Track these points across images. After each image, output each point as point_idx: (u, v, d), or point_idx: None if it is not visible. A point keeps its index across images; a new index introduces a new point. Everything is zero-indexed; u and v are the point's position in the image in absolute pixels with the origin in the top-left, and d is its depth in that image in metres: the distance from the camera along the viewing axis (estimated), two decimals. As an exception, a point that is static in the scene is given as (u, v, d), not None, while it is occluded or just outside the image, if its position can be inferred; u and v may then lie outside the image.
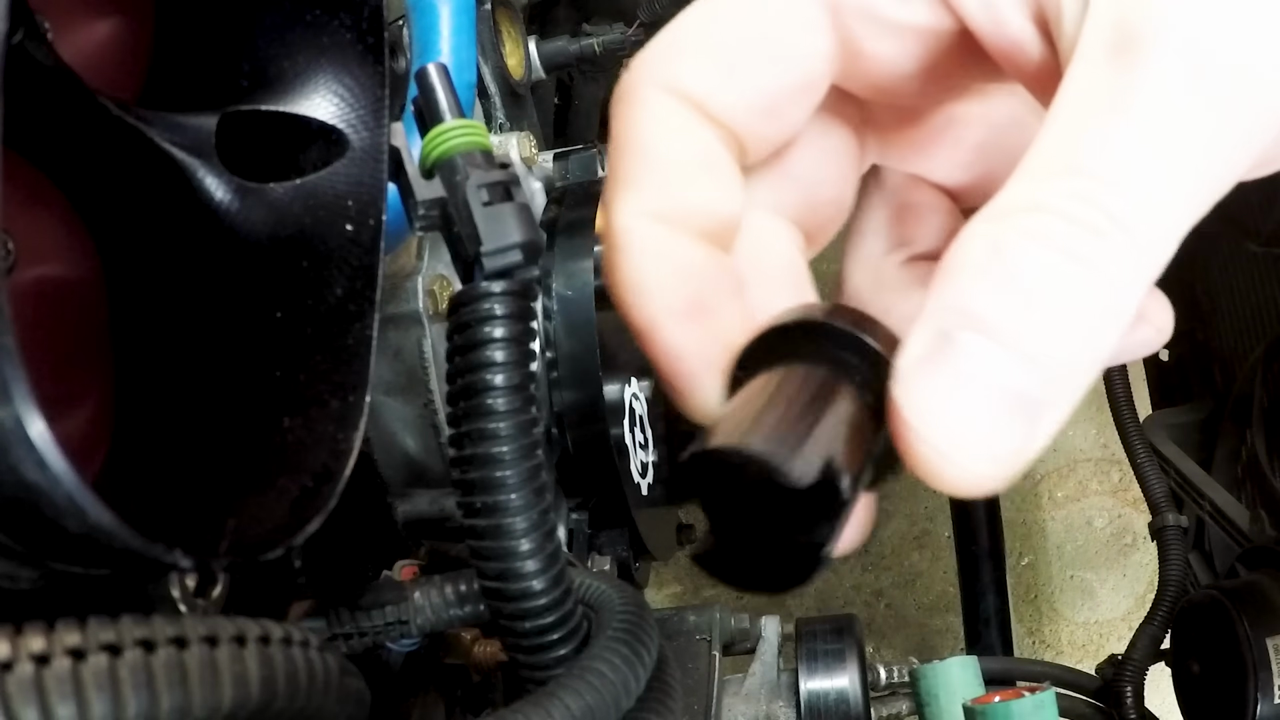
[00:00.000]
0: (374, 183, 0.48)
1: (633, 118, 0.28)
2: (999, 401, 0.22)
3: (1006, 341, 0.22)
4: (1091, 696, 1.17)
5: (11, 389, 0.27)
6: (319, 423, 0.43)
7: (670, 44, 0.28)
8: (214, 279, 0.48)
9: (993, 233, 0.23)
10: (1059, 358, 0.22)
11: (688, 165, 0.28)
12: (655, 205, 0.28)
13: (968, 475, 0.23)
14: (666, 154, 0.28)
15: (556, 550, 0.40)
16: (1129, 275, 0.23)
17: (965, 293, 0.23)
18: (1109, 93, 0.23)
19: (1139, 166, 0.22)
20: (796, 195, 0.31)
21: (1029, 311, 0.22)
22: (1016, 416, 0.23)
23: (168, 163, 0.47)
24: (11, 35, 0.38)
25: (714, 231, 0.28)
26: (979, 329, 0.23)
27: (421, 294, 0.70)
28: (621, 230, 0.28)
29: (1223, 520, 1.17)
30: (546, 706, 0.36)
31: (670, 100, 0.28)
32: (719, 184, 0.28)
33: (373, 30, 0.49)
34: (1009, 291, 0.22)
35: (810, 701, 0.72)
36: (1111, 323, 0.23)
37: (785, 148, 0.30)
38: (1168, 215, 0.23)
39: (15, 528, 0.31)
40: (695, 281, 0.28)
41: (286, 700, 0.33)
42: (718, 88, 0.28)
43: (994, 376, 0.22)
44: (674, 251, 0.28)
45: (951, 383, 0.23)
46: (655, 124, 0.28)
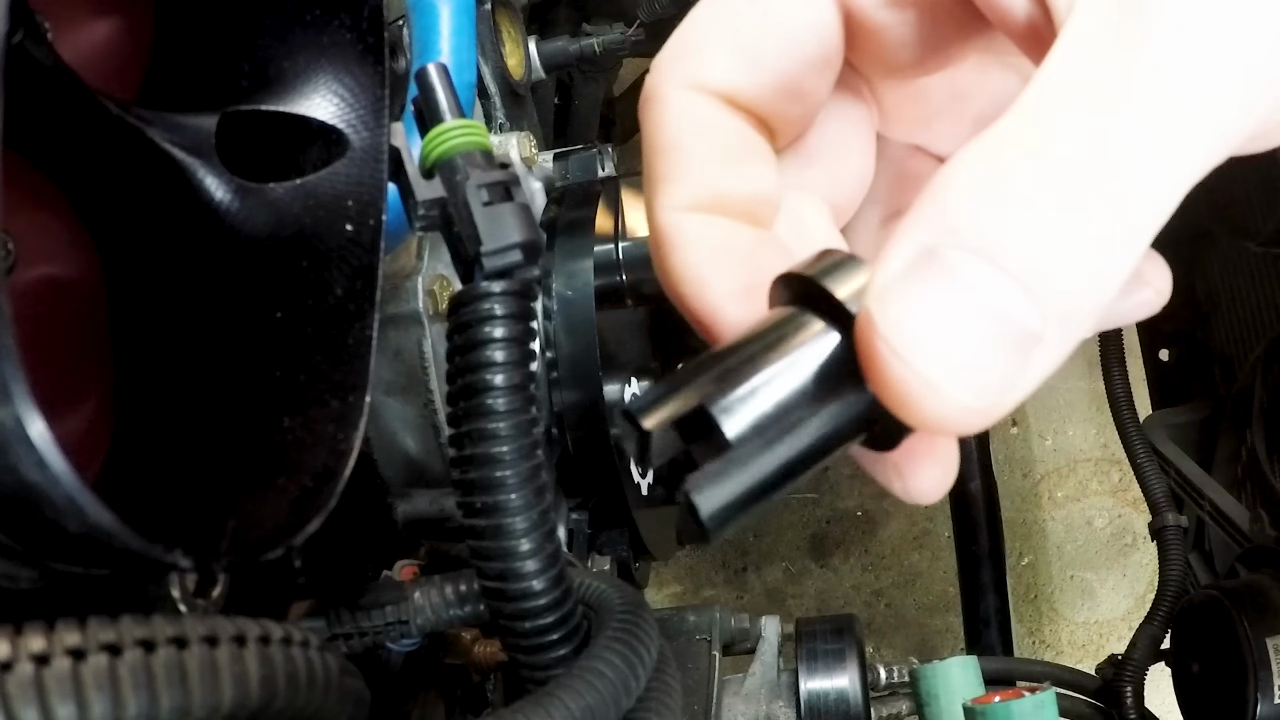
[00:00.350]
0: (374, 183, 0.48)
1: (662, 118, 0.29)
2: (990, 327, 0.20)
3: (1005, 264, 0.20)
4: (1091, 696, 1.17)
5: (11, 389, 0.27)
6: (319, 423, 0.43)
7: (687, 41, 0.29)
8: (214, 279, 0.48)
9: (992, 152, 0.21)
10: (1061, 289, 0.20)
11: (721, 154, 0.28)
12: (695, 196, 0.28)
13: (951, 406, 0.21)
14: (699, 146, 0.28)
15: (556, 550, 0.40)
16: (1141, 214, 0.21)
17: (959, 208, 0.21)
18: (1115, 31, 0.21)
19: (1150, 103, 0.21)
20: (824, 173, 0.32)
21: (1034, 233, 0.20)
22: (1008, 347, 0.20)
23: (168, 163, 0.47)
24: (11, 35, 0.38)
25: (755, 213, 0.29)
26: (974, 248, 0.20)
27: (421, 294, 0.70)
28: (666, 226, 0.28)
29: (1223, 520, 1.17)
30: (546, 706, 0.36)
31: (696, 96, 0.28)
32: (754, 167, 0.29)
33: (373, 30, 0.49)
34: (1009, 209, 0.20)
35: (810, 701, 0.72)
36: (1119, 267, 0.21)
37: (808, 128, 0.31)
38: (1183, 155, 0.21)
39: (15, 528, 0.31)
40: (746, 262, 0.28)
41: (286, 700, 0.33)
42: (741, 76, 0.28)
43: (987, 299, 0.20)
44: (720, 237, 0.28)
45: (939, 301, 0.21)
46: (684, 120, 0.28)
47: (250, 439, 0.44)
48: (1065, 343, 0.21)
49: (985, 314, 0.20)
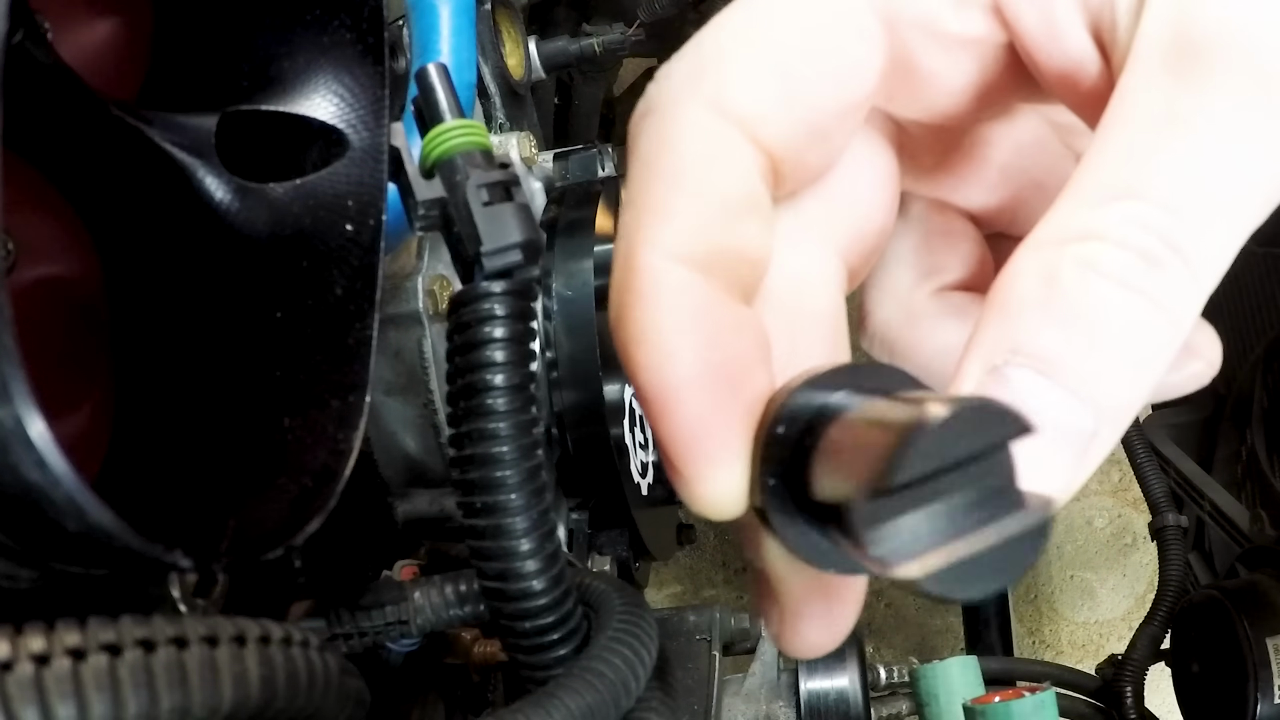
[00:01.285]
0: (374, 183, 0.48)
1: (669, 136, 0.24)
2: (1053, 439, 0.21)
3: (1064, 380, 0.22)
4: (1091, 696, 1.17)
5: (11, 389, 0.27)
6: (319, 423, 0.43)
7: (714, 53, 0.25)
8: (214, 279, 0.48)
9: (1045, 262, 0.22)
10: (1112, 393, 0.22)
11: (728, 197, 0.24)
12: (689, 242, 0.24)
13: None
14: (706, 181, 0.24)
15: (556, 550, 0.40)
16: (1186, 306, 0.22)
17: (1019, 327, 0.22)
18: (1167, 109, 0.22)
19: (1197, 189, 0.21)
20: (847, 224, 0.29)
21: (1088, 350, 0.21)
22: (1069, 453, 0.22)
23: (168, 163, 0.47)
24: (11, 35, 0.38)
25: (743, 278, 0.25)
26: (1035, 366, 0.22)
27: (421, 294, 0.70)
28: (645, 271, 0.24)
29: (1223, 520, 1.17)
30: (546, 706, 0.36)
31: (715, 120, 0.24)
32: (758, 224, 0.25)
33: (373, 30, 0.49)
34: (1065, 328, 0.22)
35: (810, 701, 0.72)
36: (1165, 356, 0.22)
37: (834, 172, 0.28)
38: (1225, 239, 0.22)
39: (15, 528, 0.31)
40: (720, 346, 0.24)
41: (286, 700, 0.33)
42: (772, 106, 0.24)
43: (1049, 414, 0.21)
44: (701, 306, 0.24)
45: None
46: (697, 144, 0.24)
47: (250, 439, 0.44)
48: (1117, 434, 0.22)
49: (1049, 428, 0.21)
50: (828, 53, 0.25)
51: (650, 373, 0.23)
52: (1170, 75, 0.22)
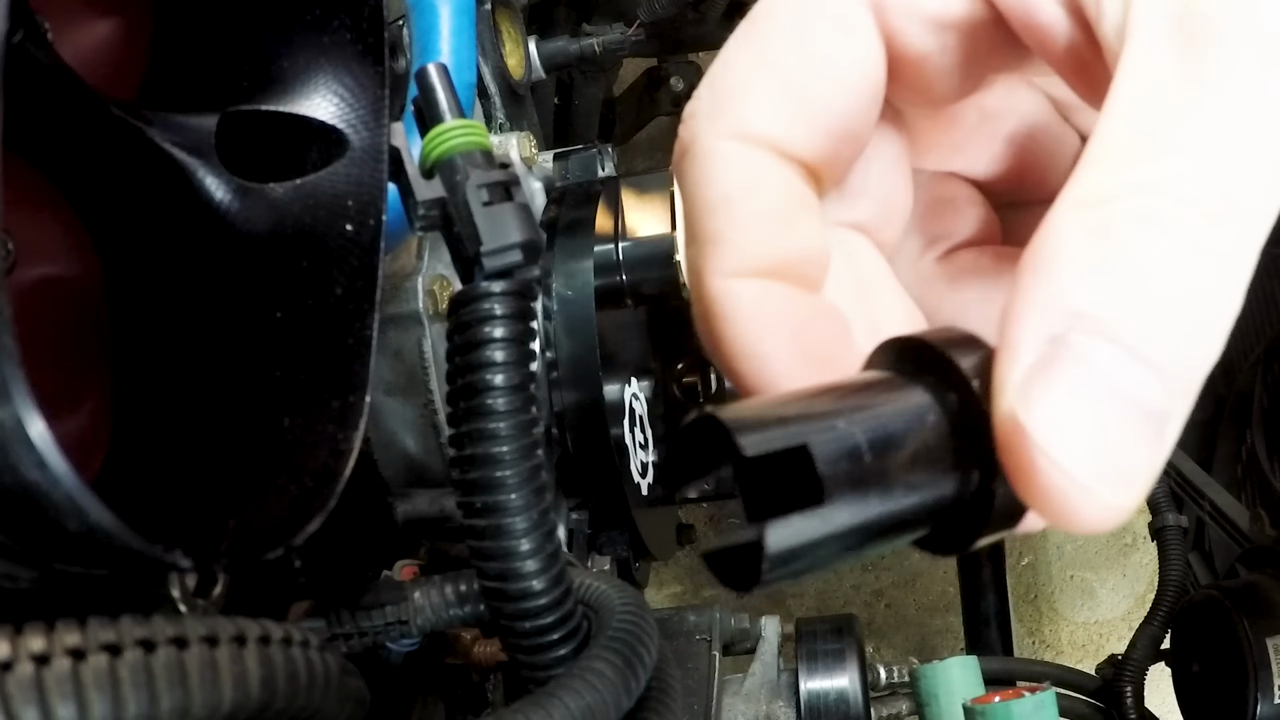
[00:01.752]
0: (374, 183, 0.48)
1: (707, 173, 0.26)
2: (1128, 414, 0.20)
3: (1131, 345, 0.20)
4: (1091, 696, 1.17)
5: (11, 389, 0.27)
6: (319, 423, 0.43)
7: (727, 88, 0.27)
8: (214, 279, 0.48)
9: (1095, 220, 0.20)
10: (1185, 360, 0.20)
11: (774, 212, 0.26)
12: (749, 260, 0.26)
13: (1100, 503, 0.20)
14: (750, 205, 0.26)
15: (556, 550, 0.40)
16: (1246, 263, 0.20)
17: (1073, 289, 0.20)
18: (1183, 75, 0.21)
19: (1237, 144, 0.20)
20: (872, 209, 0.30)
21: (1153, 309, 0.20)
22: (1146, 430, 0.20)
23: (168, 163, 0.47)
24: (11, 35, 0.38)
25: (808, 274, 0.27)
26: (1098, 331, 0.20)
27: (421, 294, 0.70)
28: (719, 293, 0.26)
29: (1223, 520, 1.18)
30: (546, 706, 0.36)
31: (743, 148, 0.26)
32: (806, 223, 0.27)
33: (373, 30, 0.49)
34: (1127, 285, 0.20)
35: (810, 701, 0.72)
36: (1229, 317, 0.20)
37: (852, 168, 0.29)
38: (1271, 192, 0.20)
39: (15, 528, 0.31)
40: (805, 332, 0.26)
41: (286, 700, 0.33)
42: (791, 123, 0.26)
43: (1121, 386, 0.20)
44: (777, 305, 0.26)
45: (1076, 394, 0.20)
46: (733, 175, 0.26)
47: (250, 439, 0.44)
48: (1187, 411, 0.20)
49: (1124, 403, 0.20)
50: (828, 62, 0.26)
51: (751, 377, 0.26)
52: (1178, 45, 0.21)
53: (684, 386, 0.93)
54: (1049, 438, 0.20)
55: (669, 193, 0.79)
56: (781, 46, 0.26)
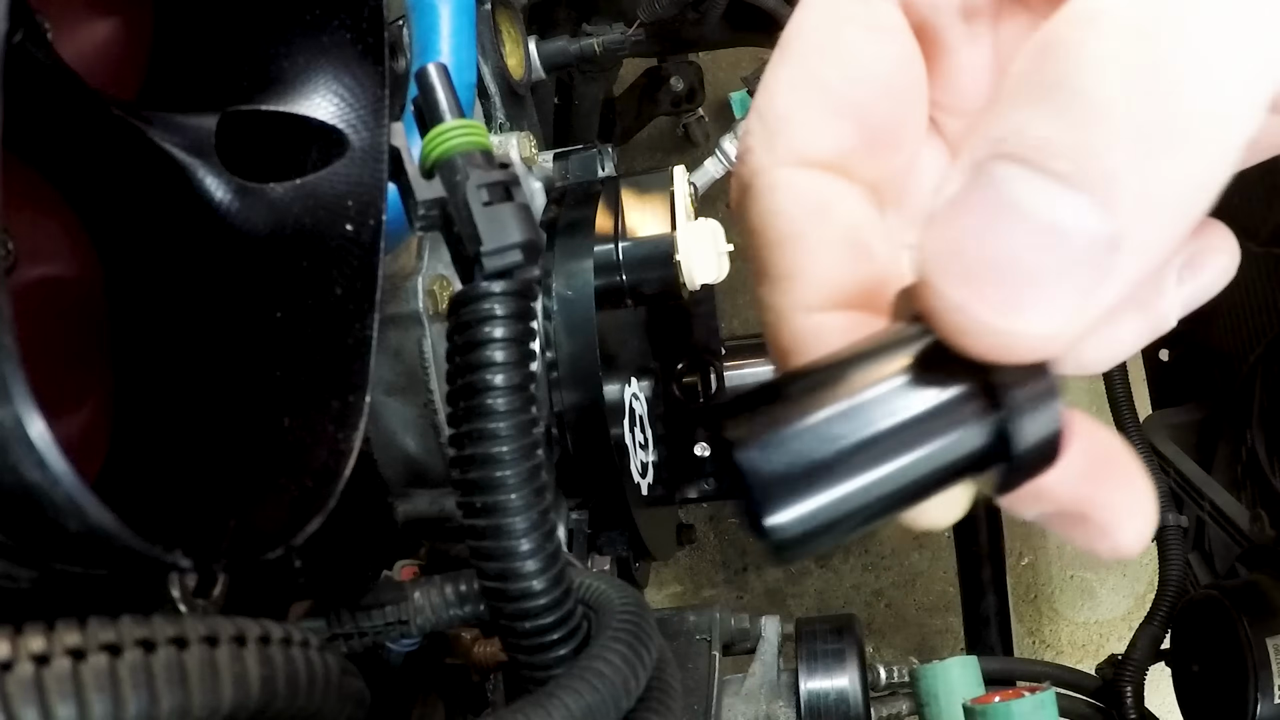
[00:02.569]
0: (374, 183, 0.48)
1: (772, 206, 0.26)
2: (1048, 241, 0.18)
3: (1057, 166, 0.18)
4: (1091, 696, 1.17)
5: (11, 389, 0.27)
6: (319, 423, 0.43)
7: (775, 114, 0.26)
8: (214, 279, 0.48)
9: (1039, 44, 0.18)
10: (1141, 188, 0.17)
11: (845, 237, 0.25)
12: (828, 293, 0.25)
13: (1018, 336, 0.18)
14: (821, 234, 0.25)
15: (556, 550, 0.40)
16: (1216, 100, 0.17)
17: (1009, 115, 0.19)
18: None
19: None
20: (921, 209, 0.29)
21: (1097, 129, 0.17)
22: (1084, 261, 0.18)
23: (168, 163, 0.47)
24: (11, 35, 0.38)
25: (881, 296, 0.26)
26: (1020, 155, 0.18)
27: (421, 294, 0.70)
28: (803, 331, 0.25)
29: (1223, 520, 1.18)
30: (546, 706, 0.36)
31: (804, 174, 0.25)
32: (875, 244, 0.26)
33: (373, 30, 0.49)
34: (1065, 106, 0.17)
35: (810, 701, 0.72)
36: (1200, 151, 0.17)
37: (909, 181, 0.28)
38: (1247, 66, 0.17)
39: (15, 528, 0.31)
40: None
41: (286, 700, 0.33)
42: (844, 135, 0.25)
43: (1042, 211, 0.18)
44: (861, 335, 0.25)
45: (986, 223, 0.18)
46: (799, 205, 0.25)
47: (250, 439, 0.44)
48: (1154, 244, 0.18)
49: (1041, 229, 0.18)
50: (865, 64, 0.25)
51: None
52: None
53: (684, 386, 0.93)
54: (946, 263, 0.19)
55: (669, 193, 0.79)
56: (816, 59, 0.26)
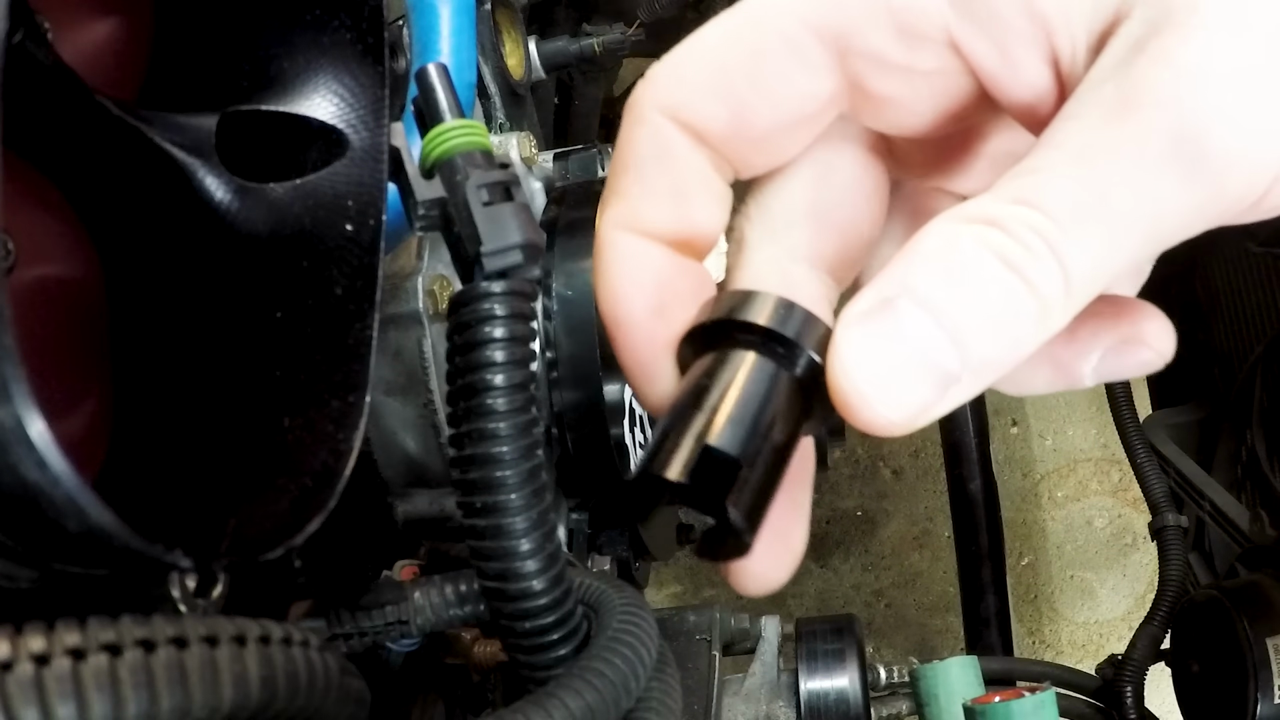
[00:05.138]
0: (374, 183, 0.48)
1: (632, 135, 0.31)
2: (919, 365, 0.26)
3: (939, 318, 0.26)
4: (1091, 696, 1.17)
5: (11, 389, 0.27)
6: (319, 423, 0.43)
7: (677, 67, 0.30)
8: (214, 279, 0.48)
9: (952, 232, 0.26)
10: (982, 347, 0.26)
11: (677, 186, 0.30)
12: (640, 220, 0.31)
13: (880, 418, 0.26)
14: (657, 175, 0.30)
15: (556, 550, 0.40)
16: (1057, 298, 0.25)
17: (914, 272, 0.26)
18: (1087, 145, 0.25)
19: (1089, 217, 0.25)
20: (833, 241, 0.32)
21: (964, 300, 0.25)
22: (930, 382, 0.26)
23: (168, 163, 0.47)
24: (11, 35, 0.38)
25: (690, 243, 0.31)
26: (918, 302, 0.26)
27: (421, 294, 0.70)
28: (604, 240, 0.31)
29: (1223, 520, 1.18)
30: (546, 706, 0.36)
31: (668, 124, 0.30)
32: (701, 202, 0.31)
33: (373, 30, 0.49)
34: (952, 279, 0.26)
35: (810, 701, 0.72)
36: (1035, 333, 0.26)
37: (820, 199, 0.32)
38: (1102, 259, 0.25)
39: (15, 528, 0.31)
40: (663, 286, 0.31)
41: (286, 700, 0.33)
42: (715, 119, 0.30)
43: (920, 343, 0.26)
44: (645, 260, 0.31)
45: (884, 337, 0.26)
46: (651, 144, 0.30)
47: (250, 439, 0.44)
48: (978, 385, 0.26)
49: (918, 355, 0.26)
50: (777, 88, 0.29)
51: (604, 310, 0.31)
52: (1099, 117, 0.25)
53: (684, 386, 0.93)
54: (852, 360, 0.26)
55: (669, 193, 0.78)
56: (737, 51, 0.29)
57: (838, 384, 0.26)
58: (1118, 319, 0.31)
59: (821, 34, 0.28)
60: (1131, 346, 0.31)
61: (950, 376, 0.26)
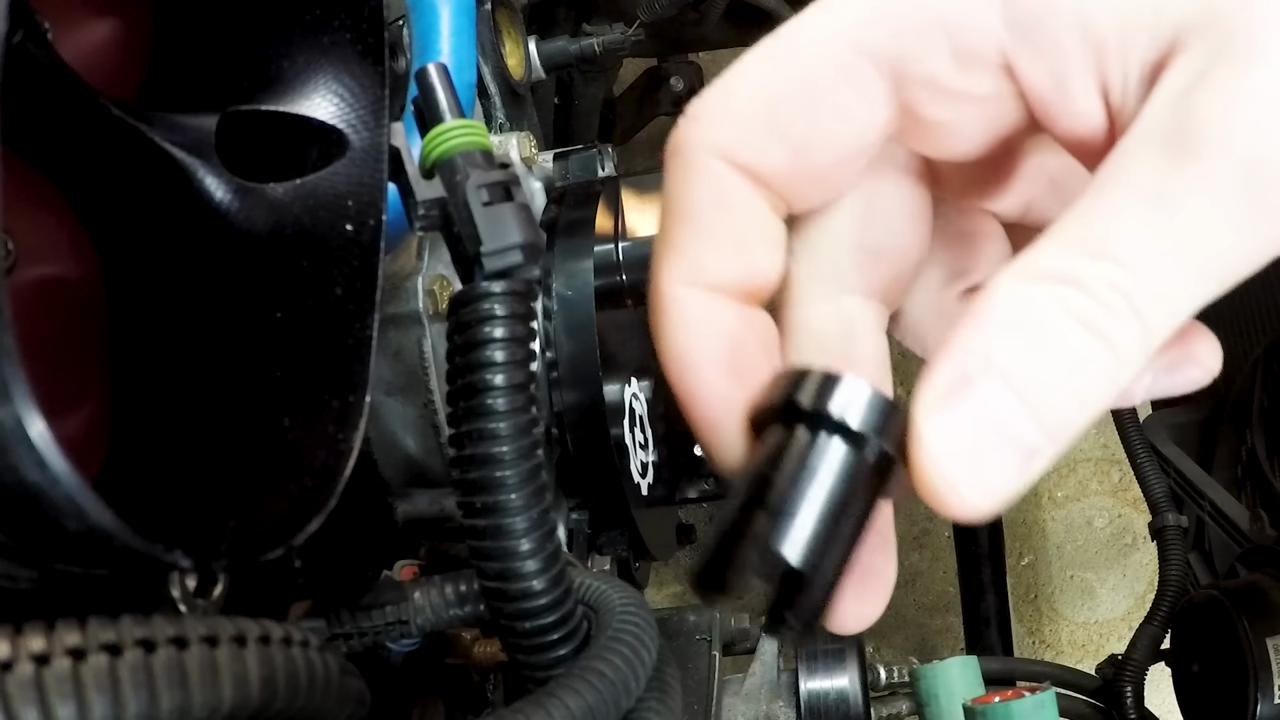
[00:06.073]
0: (374, 183, 0.48)
1: (688, 183, 0.29)
2: (1005, 445, 0.25)
3: (1021, 392, 0.25)
4: (1091, 696, 1.17)
5: (11, 389, 0.27)
6: (319, 423, 0.43)
7: (726, 105, 0.28)
8: (214, 279, 0.48)
9: (1026, 294, 0.25)
10: (1063, 415, 0.25)
11: (739, 235, 0.29)
12: (705, 274, 0.29)
13: (968, 506, 0.25)
14: (719, 224, 0.29)
15: (556, 550, 0.40)
16: (1135, 353, 0.25)
17: (992, 343, 0.25)
18: (1156, 188, 0.24)
19: (1167, 265, 0.24)
20: (882, 269, 0.31)
21: (1049, 373, 0.25)
22: (1016, 459, 0.25)
23: (168, 163, 0.47)
24: (11, 35, 0.38)
25: (755, 293, 0.30)
26: (999, 376, 0.25)
27: (421, 294, 0.70)
28: (670, 298, 0.29)
29: (1223, 520, 1.18)
30: (546, 706, 0.36)
31: (723, 167, 0.28)
32: (764, 248, 0.29)
33: (373, 30, 0.49)
34: (1032, 348, 0.25)
35: (810, 701, 0.72)
36: (1111, 390, 0.25)
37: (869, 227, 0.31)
38: (1179, 307, 0.25)
39: (15, 528, 0.31)
40: (734, 345, 0.29)
41: (286, 700, 0.33)
42: (774, 158, 0.28)
43: (1005, 423, 0.25)
44: (714, 318, 0.29)
45: (969, 422, 0.25)
46: (710, 192, 0.28)
47: (250, 439, 0.44)
48: (1055, 453, 0.26)
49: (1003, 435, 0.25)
50: (828, 111, 0.28)
51: (676, 375, 0.29)
52: (1164, 155, 0.24)
53: (684, 386, 0.93)
54: (935, 449, 0.25)
55: (669, 193, 0.78)
56: (790, 84, 0.28)
57: (925, 477, 0.25)
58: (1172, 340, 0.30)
59: (877, 60, 0.27)
60: (1182, 365, 0.31)
61: (1033, 451, 0.25)
